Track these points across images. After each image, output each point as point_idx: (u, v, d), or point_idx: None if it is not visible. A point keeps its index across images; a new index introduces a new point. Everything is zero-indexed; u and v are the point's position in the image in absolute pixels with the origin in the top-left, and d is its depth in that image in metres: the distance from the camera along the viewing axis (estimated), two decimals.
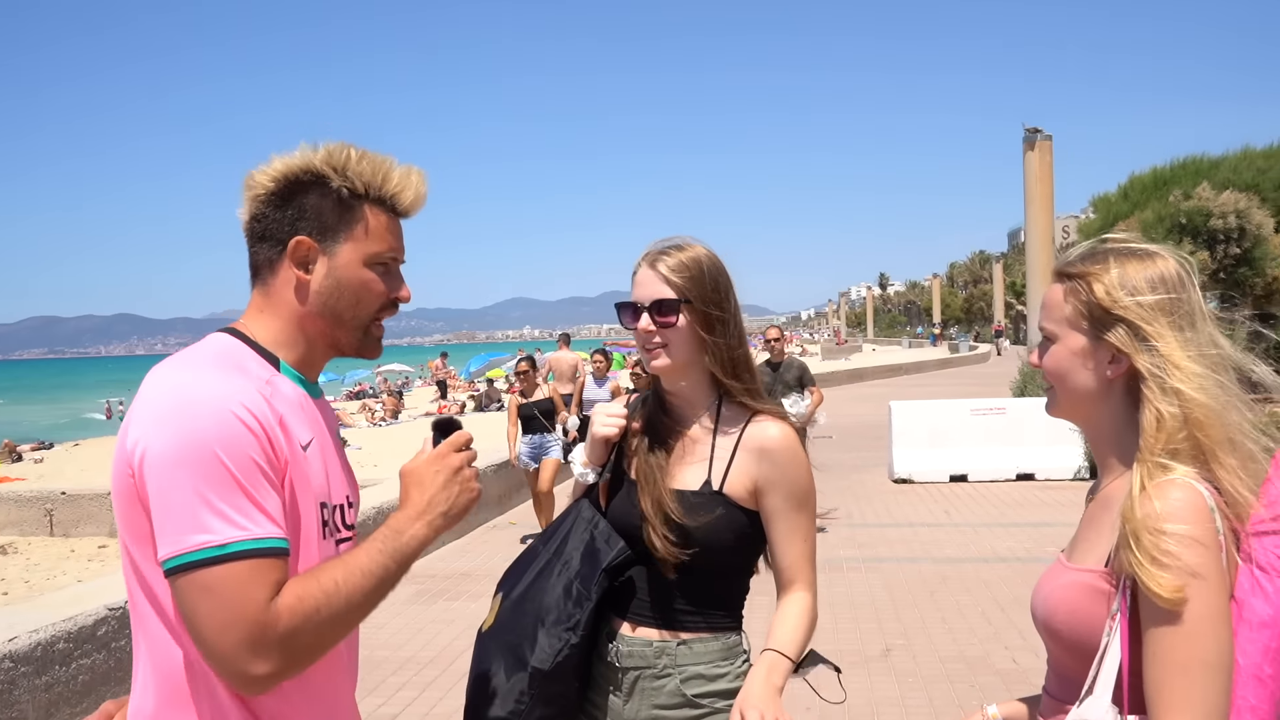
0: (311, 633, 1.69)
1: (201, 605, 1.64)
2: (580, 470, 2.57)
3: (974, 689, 6.23)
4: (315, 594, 1.70)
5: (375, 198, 1.93)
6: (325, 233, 1.89)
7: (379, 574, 1.78)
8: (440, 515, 1.89)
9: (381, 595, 1.81)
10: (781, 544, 2.43)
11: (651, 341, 2.43)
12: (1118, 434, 1.86)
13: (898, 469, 14.81)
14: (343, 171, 1.89)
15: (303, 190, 1.89)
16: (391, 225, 1.96)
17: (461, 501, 1.92)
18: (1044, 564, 7.85)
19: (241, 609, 1.63)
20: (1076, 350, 1.85)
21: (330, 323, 1.94)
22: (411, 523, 1.85)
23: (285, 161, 1.90)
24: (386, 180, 1.93)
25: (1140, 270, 1.80)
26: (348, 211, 1.90)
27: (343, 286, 1.91)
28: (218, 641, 1.64)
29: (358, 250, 1.91)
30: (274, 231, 1.90)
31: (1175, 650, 1.63)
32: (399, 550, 1.81)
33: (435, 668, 6.95)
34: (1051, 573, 1.92)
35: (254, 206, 1.91)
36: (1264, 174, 25.85)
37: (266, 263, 1.92)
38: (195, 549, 1.63)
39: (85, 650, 5.79)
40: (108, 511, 14.01)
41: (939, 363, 51.51)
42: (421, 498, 1.88)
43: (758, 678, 2.28)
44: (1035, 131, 25.87)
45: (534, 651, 2.35)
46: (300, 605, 1.67)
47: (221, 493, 1.65)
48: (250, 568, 1.65)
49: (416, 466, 1.93)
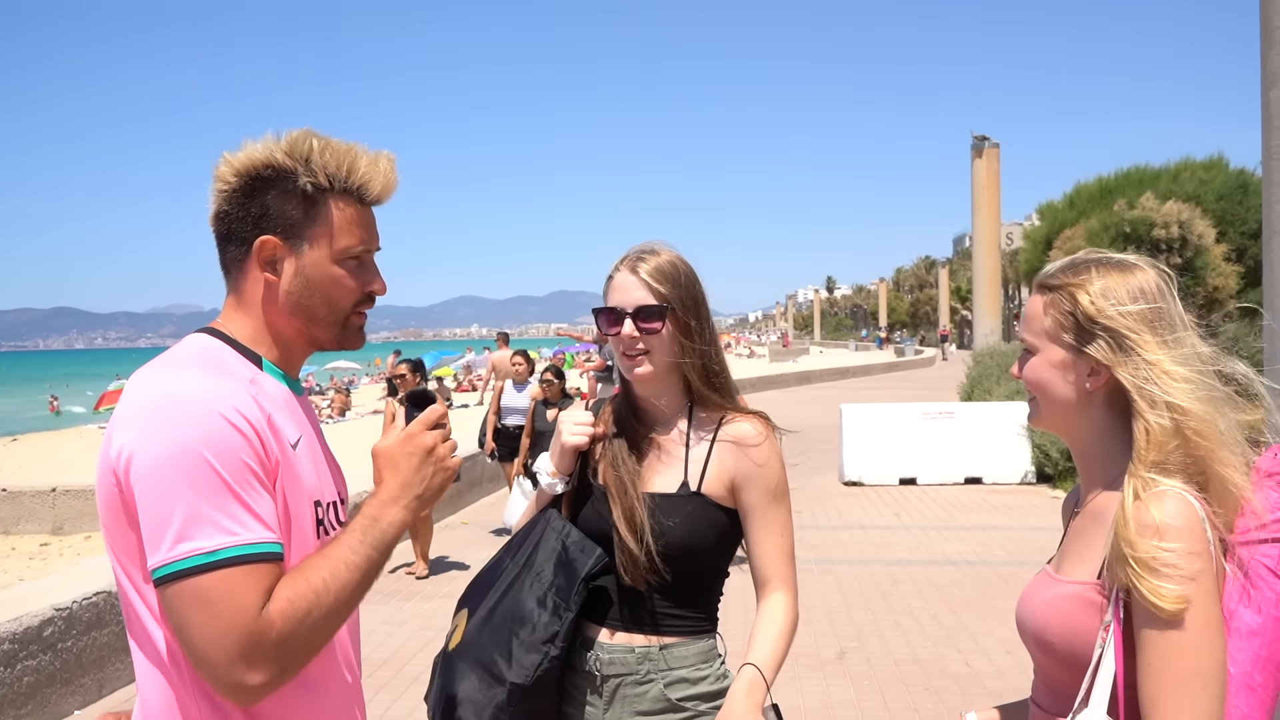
0: (305, 635, 1.65)
1: (193, 615, 1.59)
2: (548, 480, 2.52)
3: (929, 691, 6.28)
4: (306, 595, 1.65)
5: (341, 189, 1.84)
6: (290, 231, 1.82)
7: (364, 565, 1.73)
8: (415, 498, 1.83)
9: (368, 586, 1.77)
10: (759, 539, 2.43)
11: (635, 348, 2.41)
12: (1100, 445, 1.87)
13: (848, 472, 14.91)
14: (306, 164, 1.81)
15: (265, 186, 1.81)
16: (360, 216, 1.88)
17: (436, 482, 1.86)
18: (993, 567, 7.92)
19: (234, 618, 1.58)
20: (1056, 362, 1.86)
21: (305, 321, 1.88)
22: (387, 508, 1.80)
23: (249, 154, 1.81)
24: (352, 170, 1.84)
25: (1122, 281, 1.81)
26: (313, 207, 1.82)
27: (313, 286, 1.85)
28: (210, 652, 1.59)
29: (326, 247, 1.84)
30: (238, 231, 1.83)
31: (1171, 662, 1.64)
32: (379, 538, 1.77)
33: (389, 669, 6.88)
34: (1039, 585, 1.93)
35: (218, 202, 1.84)
36: (1205, 185, 26.35)
37: (235, 263, 1.86)
38: (184, 556, 1.59)
39: (31, 651, 5.67)
40: (49, 509, 13.76)
41: (885, 366, 51.95)
42: (395, 480, 1.83)
43: (739, 695, 2.27)
44: (983, 139, 26.22)
45: (511, 666, 2.32)
46: (292, 609, 1.63)
47: (211, 498, 1.61)
48: (242, 574, 1.60)
49: (388, 447, 1.85)
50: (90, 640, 6.11)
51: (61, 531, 13.63)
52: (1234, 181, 26.68)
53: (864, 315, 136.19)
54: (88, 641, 6.09)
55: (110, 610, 6.25)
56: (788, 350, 66.51)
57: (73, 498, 13.79)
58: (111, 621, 6.24)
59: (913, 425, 15.07)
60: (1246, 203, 25.44)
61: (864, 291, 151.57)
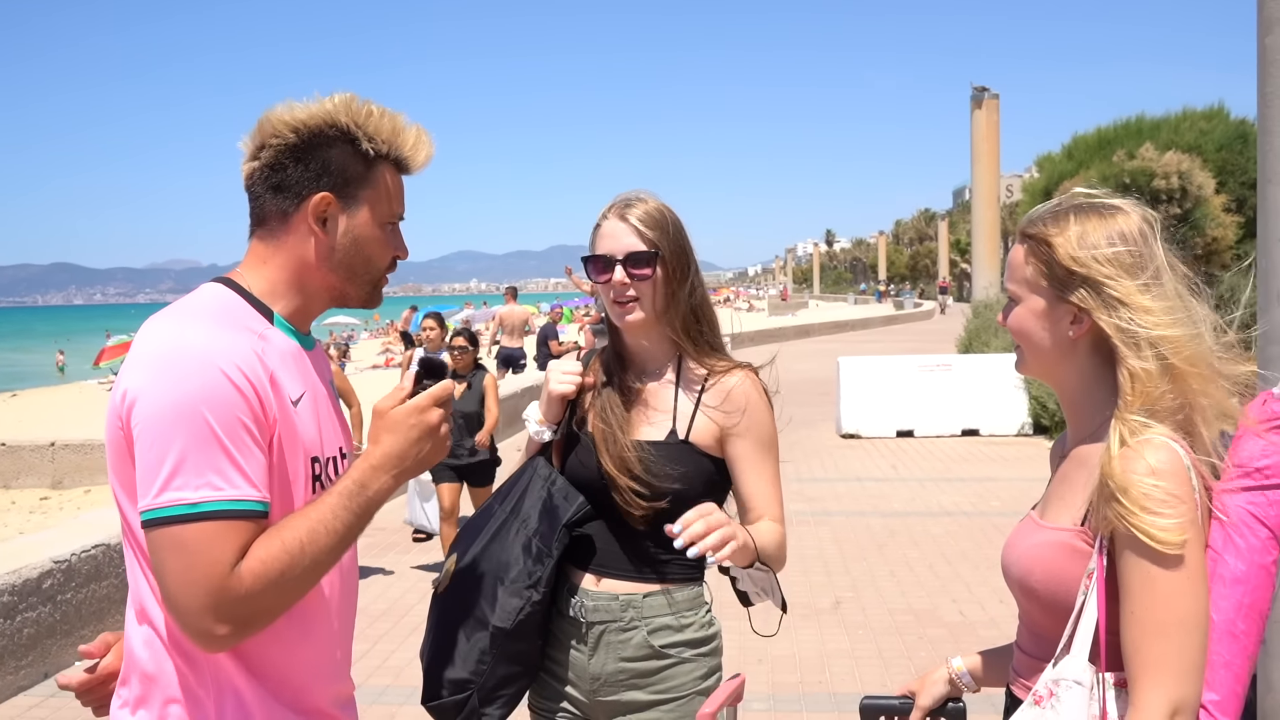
0: (274, 595, 1.69)
1: (169, 561, 1.64)
2: (535, 428, 2.54)
3: (923, 640, 6.34)
4: (280, 557, 1.68)
5: (394, 157, 1.91)
6: (346, 191, 1.86)
7: (343, 531, 1.75)
8: (406, 470, 1.84)
9: (344, 550, 1.79)
10: (749, 488, 2.44)
11: (625, 295, 2.40)
12: (1086, 391, 1.86)
13: (845, 424, 14.96)
14: (364, 129, 1.86)
15: (328, 144, 1.84)
16: (401, 186, 1.95)
17: (429, 458, 1.88)
18: (989, 518, 7.95)
19: (205, 569, 1.63)
20: (1037, 311, 1.85)
21: (342, 278, 1.92)
22: (377, 475, 1.80)
23: (309, 111, 1.84)
24: (405, 141, 1.91)
25: (1100, 227, 1.78)
26: (370, 170, 1.87)
27: (359, 245, 1.89)
28: (179, 598, 1.64)
29: (375, 210, 1.89)
30: (293, 184, 1.85)
31: (1153, 609, 1.64)
32: (363, 505, 1.78)
33: (387, 620, 6.94)
34: (1023, 531, 1.93)
35: (272, 155, 1.85)
36: (1205, 135, 26.18)
37: (278, 214, 1.87)
38: (168, 504, 1.63)
39: (30, 604, 5.71)
40: (48, 463, 13.81)
41: (885, 319, 51.97)
42: (392, 448, 1.82)
43: None
44: (983, 90, 26.04)
45: (495, 611, 2.35)
46: (264, 569, 1.67)
47: (202, 451, 1.64)
48: (218, 529, 1.64)
49: (395, 412, 1.85)
50: (89, 592, 6.15)
51: (61, 485, 13.68)
52: (1234, 131, 26.50)
53: (863, 269, 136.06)
54: (87, 594, 6.13)
55: (109, 563, 6.29)
56: (787, 304, 66.50)
57: (72, 452, 13.83)
58: (110, 574, 6.29)
59: (910, 378, 15.11)
60: (1246, 153, 25.29)
61: (863, 245, 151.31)
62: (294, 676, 1.84)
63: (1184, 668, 1.63)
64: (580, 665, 2.44)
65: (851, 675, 5.78)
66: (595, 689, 2.42)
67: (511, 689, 2.40)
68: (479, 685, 2.35)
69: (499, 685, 2.37)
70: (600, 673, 2.42)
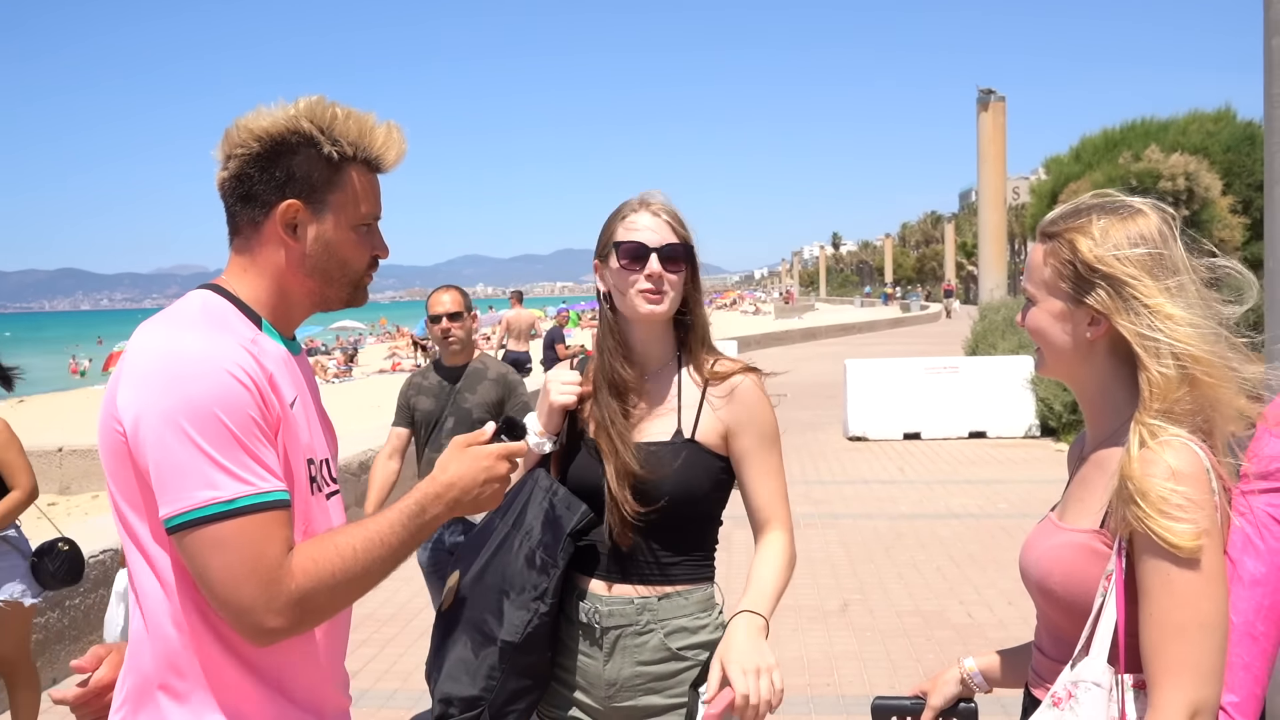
0: (325, 594, 1.71)
1: (214, 560, 1.64)
2: (535, 440, 2.51)
3: (931, 643, 6.32)
4: (332, 558, 1.71)
5: (362, 158, 1.90)
6: (313, 196, 1.86)
7: (396, 546, 1.79)
8: (462, 506, 1.89)
9: (394, 566, 1.82)
10: (755, 484, 2.45)
11: (661, 286, 2.41)
12: (1105, 393, 1.85)
13: (852, 427, 14.95)
14: (329, 132, 1.85)
15: (290, 151, 1.84)
16: (374, 185, 1.94)
17: (484, 503, 1.93)
18: (996, 520, 7.94)
19: (255, 562, 1.64)
20: (1055, 313, 1.85)
21: (320, 283, 1.92)
22: (436, 503, 1.85)
23: (271, 118, 1.84)
24: (372, 140, 1.89)
25: (1122, 227, 1.78)
26: (336, 174, 1.87)
27: (332, 249, 1.89)
28: (233, 595, 1.65)
29: (345, 214, 1.89)
30: (259, 194, 1.86)
31: (1172, 611, 1.63)
32: (420, 528, 1.82)
33: (394, 625, 6.94)
34: (1042, 533, 1.92)
35: (237, 165, 1.85)
36: (1212, 137, 26.15)
37: (249, 223, 1.88)
38: (202, 505, 1.64)
39: (38, 609, 5.71)
40: (56, 469, 13.82)
41: (891, 322, 51.91)
42: (458, 479, 1.87)
43: (739, 632, 2.24)
44: (989, 92, 26.03)
45: (503, 625, 2.34)
46: (315, 568, 1.69)
47: (224, 450, 1.65)
48: (259, 522, 1.66)
49: (473, 449, 1.92)
50: (98, 598, 6.16)
51: (69, 491, 13.71)
52: (1241, 133, 26.47)
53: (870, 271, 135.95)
54: (95, 599, 6.14)
55: (117, 568, 6.29)
56: (793, 307, 66.45)
57: (80, 457, 13.86)
58: None
59: (917, 380, 15.09)
60: (1254, 154, 25.25)
61: (870, 248, 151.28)
62: (297, 684, 1.84)
63: (1203, 670, 1.62)
64: (594, 672, 2.42)
65: (859, 678, 5.78)
66: (610, 694, 2.41)
67: (523, 703, 2.39)
68: (490, 701, 2.34)
69: (510, 700, 2.36)
70: (616, 678, 2.40)
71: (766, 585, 2.36)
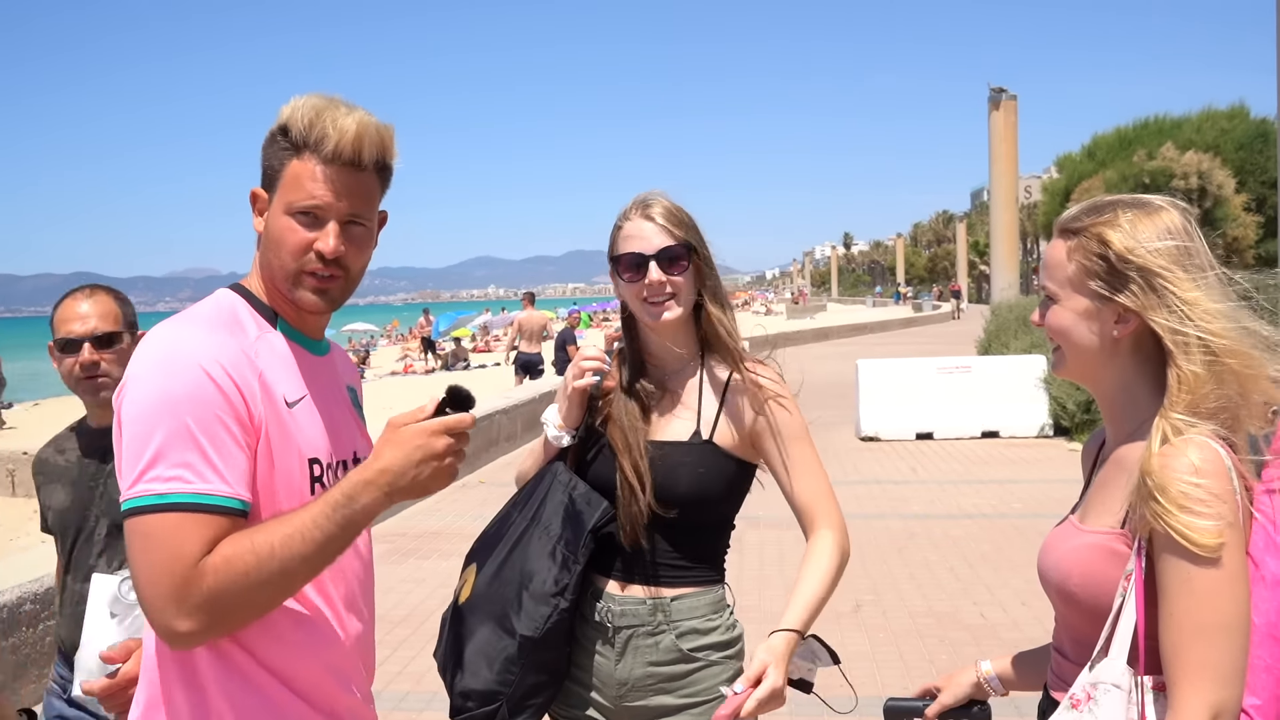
0: (239, 595, 1.66)
1: (137, 551, 1.67)
2: (554, 432, 2.50)
3: (944, 643, 6.30)
4: (246, 557, 1.66)
5: (305, 145, 1.85)
6: (269, 184, 1.90)
7: (322, 540, 1.69)
8: (400, 490, 1.72)
9: (326, 560, 1.74)
10: (795, 482, 2.41)
11: (663, 293, 2.39)
12: (1127, 392, 1.82)
13: (864, 427, 14.90)
14: (289, 122, 1.87)
15: (269, 143, 1.90)
16: (324, 173, 1.84)
17: (428, 484, 1.74)
18: (1010, 520, 7.88)
19: (170, 562, 1.64)
20: (1080, 311, 1.80)
21: (269, 273, 1.92)
22: (367, 489, 1.70)
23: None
24: (312, 126, 1.84)
25: (1149, 221, 1.75)
26: (284, 161, 1.88)
27: (270, 234, 1.89)
28: (145, 590, 1.67)
29: (282, 198, 1.87)
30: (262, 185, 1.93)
31: (1192, 612, 1.61)
32: (348, 518, 1.70)
33: (407, 627, 6.93)
34: (1062, 535, 1.89)
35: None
36: (1226, 134, 26.08)
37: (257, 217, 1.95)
38: (140, 495, 1.67)
39: (53, 612, 5.72)
40: None
41: (903, 321, 51.79)
42: (390, 463, 1.71)
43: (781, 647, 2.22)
44: (1000, 91, 25.96)
45: (522, 619, 2.33)
46: (228, 566, 1.65)
47: (176, 446, 1.67)
48: (183, 520, 1.66)
49: (404, 430, 1.73)
50: None
51: None
52: (1255, 131, 26.38)
53: (881, 271, 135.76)
54: None
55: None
56: (804, 307, 66.35)
57: None
58: None
59: (929, 379, 15.04)
60: (1267, 152, 25.17)
61: (881, 247, 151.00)
62: (300, 681, 1.83)
63: (1224, 671, 1.59)
64: (606, 671, 2.42)
65: (872, 678, 5.74)
66: (622, 694, 2.41)
67: (540, 698, 2.39)
68: (508, 695, 2.34)
69: (528, 694, 2.35)
70: (628, 678, 2.40)
71: (808, 596, 2.32)
